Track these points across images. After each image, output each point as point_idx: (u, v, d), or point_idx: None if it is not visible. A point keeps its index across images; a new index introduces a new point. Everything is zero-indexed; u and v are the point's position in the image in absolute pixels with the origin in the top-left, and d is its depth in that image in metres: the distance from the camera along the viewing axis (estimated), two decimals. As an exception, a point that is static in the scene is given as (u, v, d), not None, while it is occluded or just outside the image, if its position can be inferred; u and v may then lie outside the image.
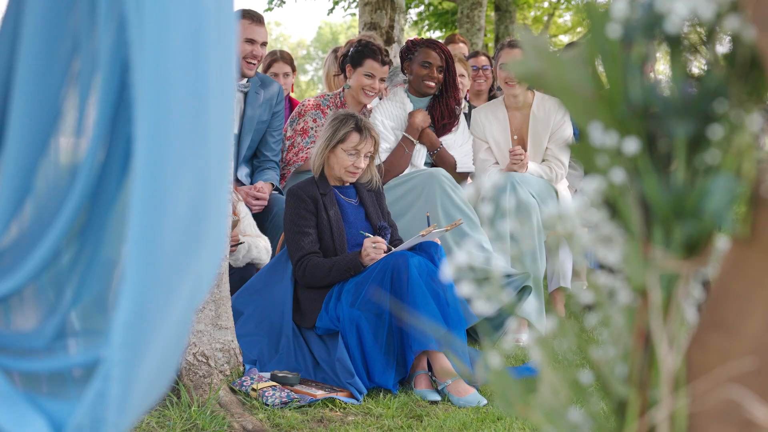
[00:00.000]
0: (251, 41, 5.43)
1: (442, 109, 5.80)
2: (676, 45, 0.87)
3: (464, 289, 0.95)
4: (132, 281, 1.28)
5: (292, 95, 7.09)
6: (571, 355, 0.95)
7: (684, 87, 0.88)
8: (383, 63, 5.72)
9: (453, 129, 5.87)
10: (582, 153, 0.92)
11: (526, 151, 5.80)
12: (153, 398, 1.44)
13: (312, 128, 5.78)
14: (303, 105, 5.92)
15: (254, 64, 5.54)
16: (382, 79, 5.75)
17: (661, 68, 0.96)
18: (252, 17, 5.48)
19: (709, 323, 0.91)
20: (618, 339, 0.93)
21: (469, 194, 1.01)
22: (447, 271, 0.95)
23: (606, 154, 0.91)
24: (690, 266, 0.90)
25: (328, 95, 5.95)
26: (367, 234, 4.63)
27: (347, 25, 51.58)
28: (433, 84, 5.76)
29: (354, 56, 5.80)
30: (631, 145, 0.90)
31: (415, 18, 21.51)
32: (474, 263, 3.58)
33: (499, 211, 5.51)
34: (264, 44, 5.64)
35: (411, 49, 5.88)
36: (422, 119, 5.78)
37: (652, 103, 0.89)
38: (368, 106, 6.05)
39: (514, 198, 5.46)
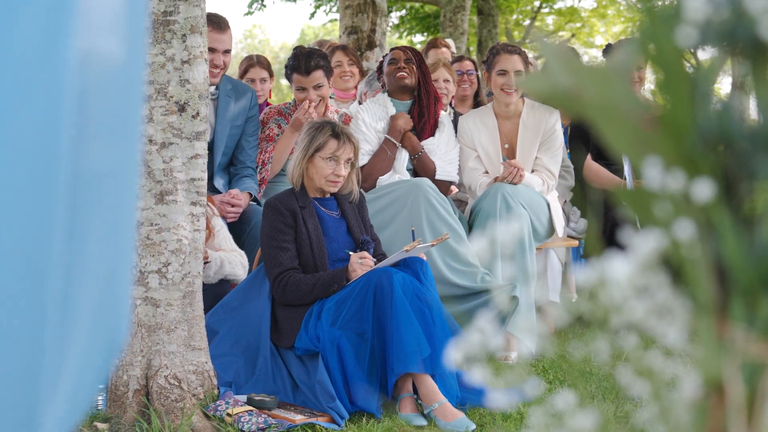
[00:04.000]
0: (212, 50, 5.17)
1: (422, 108, 5.68)
2: (766, 57, 0.65)
3: (477, 376, 0.72)
4: None
5: (271, 101, 6.86)
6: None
7: (775, 112, 0.66)
8: (307, 72, 5.53)
9: (435, 131, 5.73)
10: (634, 198, 0.70)
11: (514, 158, 5.63)
12: None
13: (278, 135, 5.69)
14: (265, 113, 5.81)
15: (218, 73, 5.32)
16: (318, 86, 5.56)
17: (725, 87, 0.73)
18: (213, 23, 5.22)
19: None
20: (682, 444, 0.70)
21: (481, 248, 0.79)
22: (454, 356, 0.72)
23: (668, 200, 0.68)
24: (781, 351, 0.67)
25: (290, 102, 5.82)
26: (350, 252, 4.43)
27: (329, 29, 51.38)
28: (404, 74, 5.74)
29: (286, 73, 5.77)
30: (704, 189, 0.67)
31: (396, 21, 21.37)
32: (460, 282, 3.36)
33: (489, 222, 5.33)
34: (227, 52, 5.43)
35: (381, 63, 5.97)
36: (404, 122, 5.73)
37: (731, 134, 0.66)
38: (349, 111, 5.89)
39: (505, 209, 5.27)
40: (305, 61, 5.56)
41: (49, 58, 0.95)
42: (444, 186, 5.74)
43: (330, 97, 5.77)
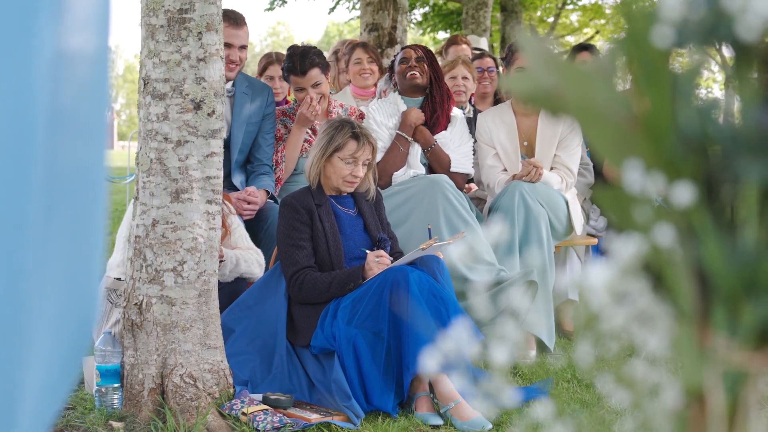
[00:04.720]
0: (228, 45, 5.15)
1: (434, 105, 5.68)
2: (748, 57, 0.63)
3: (457, 383, 0.70)
4: None
5: (290, 98, 6.84)
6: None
7: (758, 113, 0.63)
8: (303, 72, 5.54)
9: (447, 125, 5.74)
10: (614, 202, 0.68)
11: (533, 157, 5.60)
12: None
13: (284, 134, 5.74)
14: None
15: (233, 68, 5.31)
16: (316, 84, 5.57)
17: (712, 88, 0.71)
18: (229, 19, 5.21)
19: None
20: (663, 455, 0.68)
21: (461, 253, 0.77)
22: (430, 362, 0.70)
23: (648, 204, 0.66)
24: (763, 361, 0.65)
25: (293, 103, 5.83)
26: (367, 251, 4.41)
27: (353, 25, 51.36)
28: (416, 74, 5.78)
29: (283, 75, 5.79)
30: (685, 193, 0.65)
31: (419, 19, 21.37)
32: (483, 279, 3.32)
33: (507, 219, 5.29)
34: (243, 48, 5.43)
35: (392, 62, 6.02)
36: (416, 116, 5.76)
37: (713, 135, 0.64)
38: (367, 109, 5.89)
39: (523, 207, 5.25)
40: (300, 61, 5.55)
41: (22, 57, 0.94)
42: (460, 178, 5.73)
43: (330, 93, 5.78)
